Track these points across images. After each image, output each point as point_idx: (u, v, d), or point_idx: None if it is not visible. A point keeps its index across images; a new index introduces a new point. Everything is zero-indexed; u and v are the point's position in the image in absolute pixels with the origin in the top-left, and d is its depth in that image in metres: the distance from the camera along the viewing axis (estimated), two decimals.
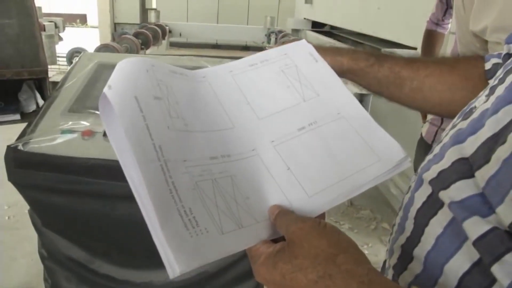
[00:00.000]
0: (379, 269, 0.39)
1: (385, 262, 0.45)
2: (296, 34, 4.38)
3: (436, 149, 0.38)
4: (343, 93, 0.49)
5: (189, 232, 0.34)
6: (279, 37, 4.08)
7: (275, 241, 0.37)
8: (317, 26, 4.26)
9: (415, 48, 2.10)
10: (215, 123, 0.44)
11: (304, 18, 4.46)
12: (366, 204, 2.42)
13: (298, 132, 0.45)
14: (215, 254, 0.34)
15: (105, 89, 0.37)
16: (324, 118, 0.46)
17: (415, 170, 0.41)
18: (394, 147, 0.45)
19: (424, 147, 1.31)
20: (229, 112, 0.45)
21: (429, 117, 1.33)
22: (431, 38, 1.59)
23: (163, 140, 0.37)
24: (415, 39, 2.12)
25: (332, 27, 3.79)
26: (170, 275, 0.32)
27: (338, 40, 3.27)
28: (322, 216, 0.41)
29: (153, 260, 1.10)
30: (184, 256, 0.32)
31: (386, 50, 2.06)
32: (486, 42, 1.05)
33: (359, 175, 0.42)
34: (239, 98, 0.47)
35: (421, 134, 1.35)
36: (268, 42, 4.27)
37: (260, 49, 4.84)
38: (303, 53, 0.52)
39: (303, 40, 0.54)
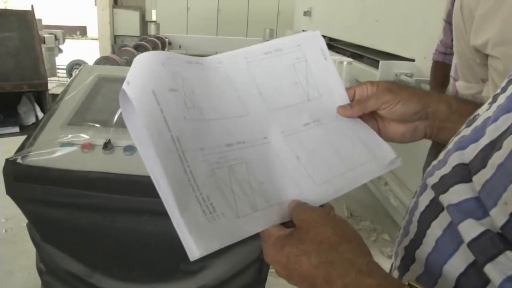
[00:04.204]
0: None
1: (392, 264, 0.46)
2: None
3: (441, 155, 0.40)
4: (342, 98, 0.52)
5: (206, 218, 0.36)
6: None
7: (287, 226, 0.40)
8: None
9: (413, 60, 2.12)
10: (230, 110, 0.46)
11: (303, 30, 4.50)
12: (366, 215, 2.40)
13: (304, 127, 0.48)
14: (232, 236, 0.37)
15: (124, 85, 0.39)
16: (325, 118, 0.50)
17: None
18: (386, 148, 0.49)
19: (435, 155, 1.31)
20: (243, 100, 0.48)
21: None
22: (439, 70, 1.44)
23: (180, 130, 0.39)
24: (413, 51, 2.14)
25: (330, 39, 3.82)
26: (191, 257, 0.34)
27: (337, 52, 3.30)
28: (331, 208, 0.43)
29: (153, 273, 1.09)
30: (202, 240, 0.34)
31: (384, 62, 2.08)
32: (486, 57, 1.05)
33: (358, 169, 0.46)
34: (252, 87, 0.49)
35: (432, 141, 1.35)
36: None
37: None
38: (315, 47, 0.54)
39: (317, 32, 0.56)
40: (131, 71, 0.41)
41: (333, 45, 3.62)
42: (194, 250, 0.34)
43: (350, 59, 2.21)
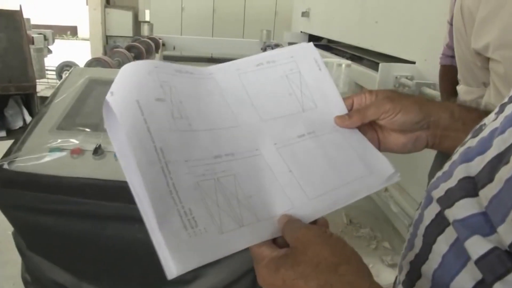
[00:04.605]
0: None
1: (396, 278, 0.46)
2: None
3: (446, 166, 0.39)
4: (339, 108, 0.52)
5: (187, 233, 0.35)
6: None
7: (280, 246, 0.39)
8: (314, 40, 4.31)
9: (413, 62, 2.14)
10: (220, 121, 0.46)
11: (301, 32, 4.52)
12: (366, 222, 2.41)
13: (298, 139, 0.48)
14: (213, 253, 0.36)
15: (108, 96, 0.39)
16: (321, 129, 0.50)
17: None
18: (384, 163, 0.49)
19: (441, 160, 1.31)
20: (234, 110, 0.48)
21: None
22: (449, 75, 1.41)
23: (164, 141, 0.39)
24: (414, 53, 2.15)
25: (329, 40, 3.84)
26: (168, 275, 0.34)
27: (336, 54, 3.31)
28: (326, 225, 0.43)
29: (144, 283, 1.08)
30: (181, 257, 0.34)
31: (385, 64, 2.09)
32: (487, 60, 1.07)
33: (353, 184, 0.46)
34: (244, 98, 0.49)
35: None
36: None
37: None
38: (308, 59, 0.54)
39: (311, 44, 0.56)
40: (115, 82, 0.41)
41: (332, 46, 3.64)
42: (171, 267, 0.33)
43: (348, 62, 2.22)
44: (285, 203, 0.42)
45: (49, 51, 3.52)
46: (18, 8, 1.79)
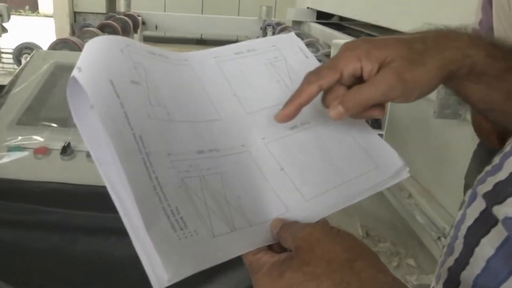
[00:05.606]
0: None
1: None
2: (298, 27, 4.43)
3: (496, 159, 0.40)
4: None
5: (177, 234, 0.36)
6: (277, 30, 4.13)
7: (273, 250, 0.40)
8: (323, 17, 4.32)
9: None
10: (201, 113, 0.47)
11: (308, 8, 4.53)
12: (386, 235, 2.41)
13: (291, 131, 0.49)
14: (207, 260, 0.36)
15: (74, 72, 0.39)
16: (316, 118, 0.50)
17: (468, 185, 0.42)
18: (391, 155, 0.49)
19: (480, 160, 1.30)
20: (215, 102, 0.49)
21: None
22: None
23: (143, 130, 0.39)
24: None
25: (341, 18, 3.85)
26: (158, 285, 0.33)
27: (349, 34, 3.32)
28: (327, 224, 0.44)
29: None
30: (172, 262, 0.34)
31: None
32: None
33: (356, 181, 0.46)
34: (225, 88, 0.50)
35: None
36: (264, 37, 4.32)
37: None
38: (292, 47, 0.56)
39: (292, 33, 0.59)
40: (82, 57, 0.41)
41: (345, 25, 3.65)
42: (162, 275, 0.33)
43: None
44: (278, 206, 0.43)
45: (4, 30, 3.52)
46: None
